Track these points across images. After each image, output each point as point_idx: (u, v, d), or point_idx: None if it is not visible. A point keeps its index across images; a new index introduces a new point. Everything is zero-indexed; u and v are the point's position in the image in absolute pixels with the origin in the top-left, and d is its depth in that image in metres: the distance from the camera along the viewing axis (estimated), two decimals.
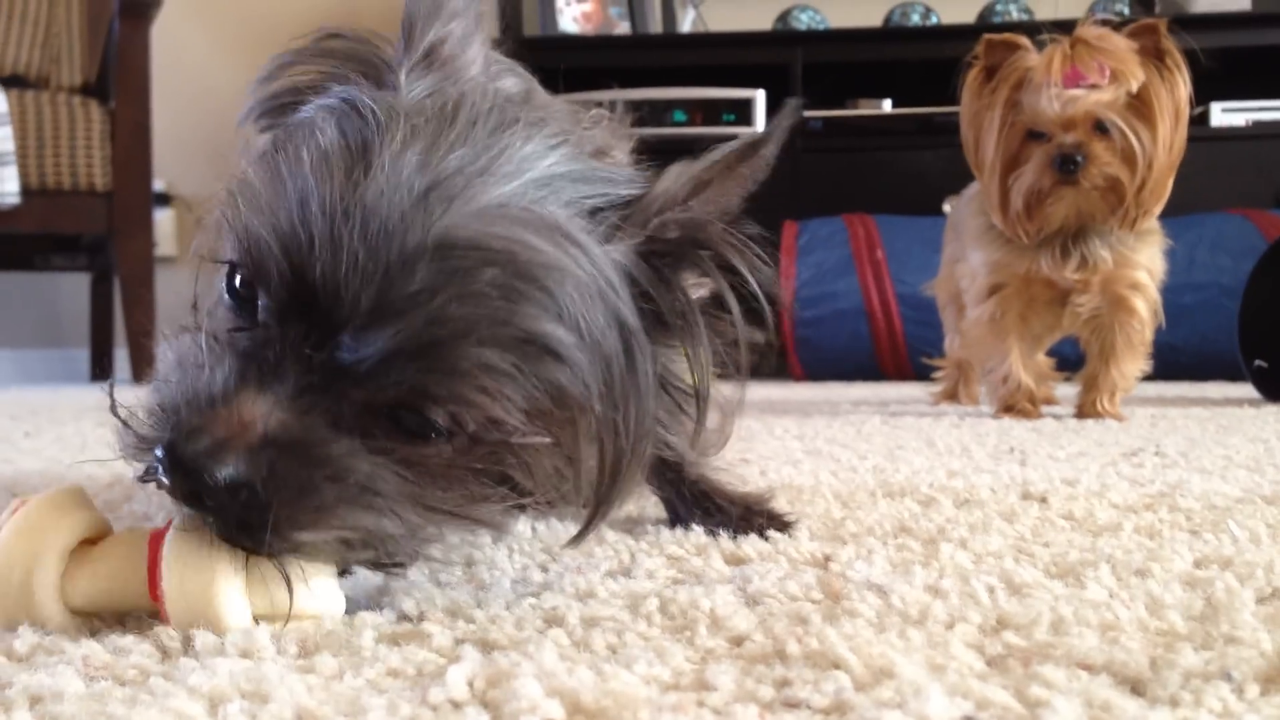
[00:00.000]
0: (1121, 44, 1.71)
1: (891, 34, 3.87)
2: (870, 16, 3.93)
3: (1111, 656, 0.46)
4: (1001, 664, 0.46)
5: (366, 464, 0.49)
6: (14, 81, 3.01)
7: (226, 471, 0.47)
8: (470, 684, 0.43)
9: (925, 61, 3.71)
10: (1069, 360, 2.02)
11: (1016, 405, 1.85)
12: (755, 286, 0.57)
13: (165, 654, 0.48)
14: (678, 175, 0.55)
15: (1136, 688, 0.43)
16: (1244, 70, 3.57)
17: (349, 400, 0.48)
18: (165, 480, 0.48)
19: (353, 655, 0.48)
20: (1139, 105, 1.72)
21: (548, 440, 0.52)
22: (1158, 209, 1.76)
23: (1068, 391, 2.03)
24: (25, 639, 0.50)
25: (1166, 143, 1.71)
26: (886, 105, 3.71)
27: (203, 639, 0.49)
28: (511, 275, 0.47)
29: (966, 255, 1.95)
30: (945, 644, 0.48)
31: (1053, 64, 1.71)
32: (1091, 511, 0.85)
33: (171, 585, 0.50)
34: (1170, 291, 1.84)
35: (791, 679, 0.44)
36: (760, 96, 3.61)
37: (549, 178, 0.51)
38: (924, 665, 0.45)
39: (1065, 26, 1.77)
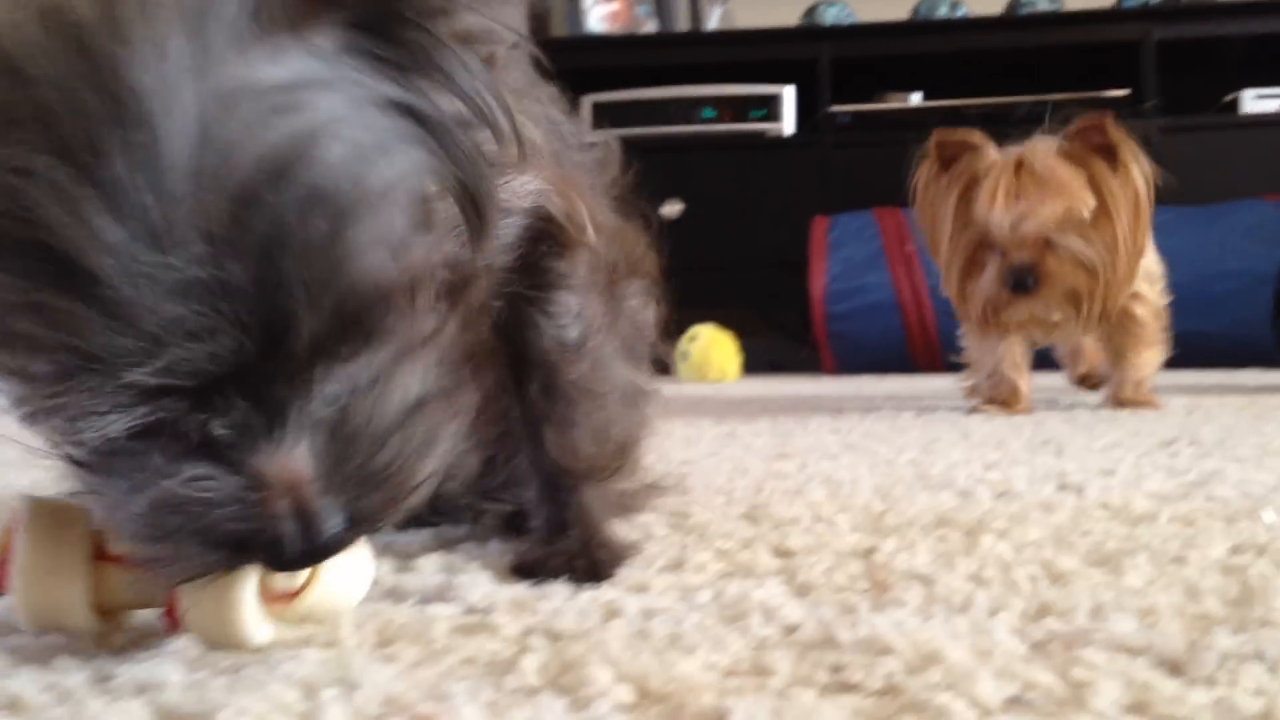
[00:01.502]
0: (1066, 176, 1.62)
1: (919, 26, 3.87)
2: (898, 9, 3.93)
3: (1150, 640, 0.48)
4: (1044, 648, 0.48)
5: (387, 402, 0.46)
6: None
7: (334, 526, 0.45)
8: (543, 670, 0.46)
9: (954, 53, 3.72)
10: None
11: (1001, 399, 1.82)
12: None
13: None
14: None
15: (1175, 669, 0.45)
16: (1275, 57, 3.56)
17: (320, 381, 0.44)
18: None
19: (428, 646, 0.51)
20: (1095, 209, 1.63)
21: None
22: (1123, 298, 1.71)
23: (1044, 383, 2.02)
24: (116, 636, 0.53)
25: (1126, 241, 1.65)
26: (916, 98, 3.71)
27: (288, 632, 0.52)
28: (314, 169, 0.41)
29: None
30: (989, 630, 0.51)
31: (998, 195, 1.63)
32: (1128, 501, 0.86)
33: (193, 611, 0.50)
34: (1203, 280, 1.84)
35: (845, 664, 0.46)
36: (789, 92, 3.63)
37: (206, 43, 0.40)
38: (970, 650, 0.47)
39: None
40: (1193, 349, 2.91)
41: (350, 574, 0.53)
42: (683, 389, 2.66)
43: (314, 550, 0.45)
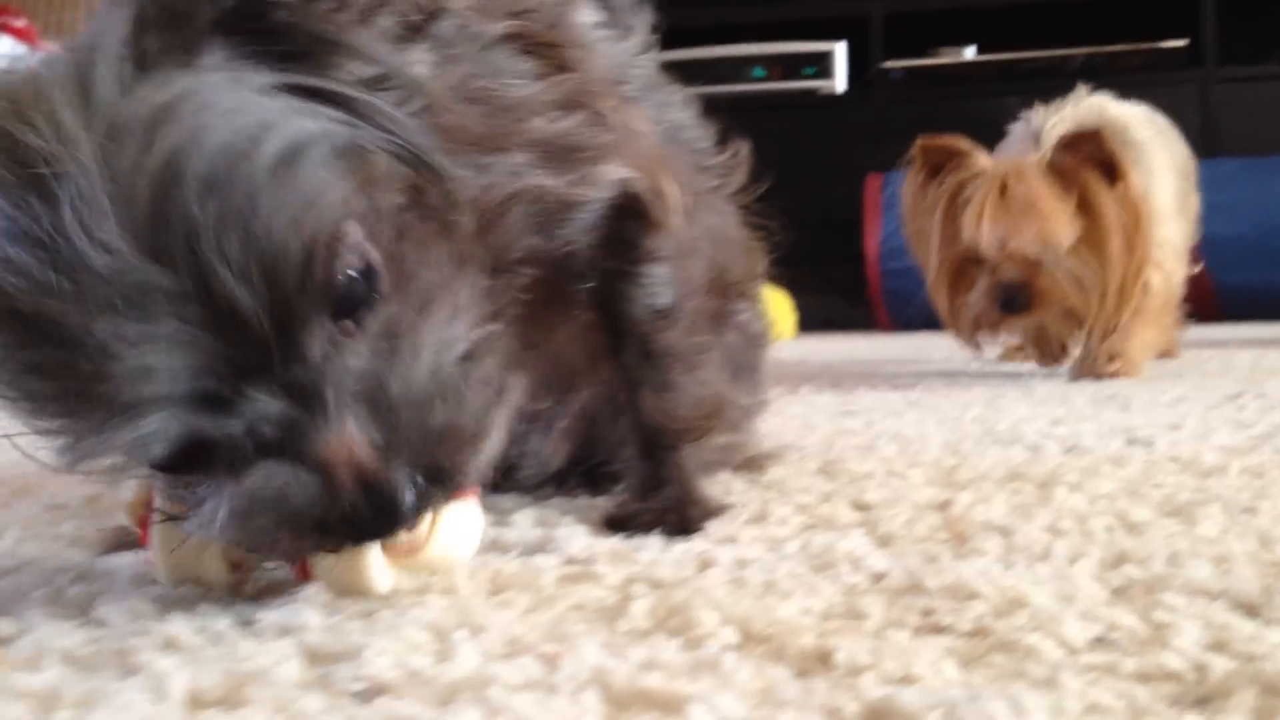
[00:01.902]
0: (1051, 207, 1.52)
1: None
2: None
3: (1227, 585, 0.50)
4: (1125, 593, 0.51)
5: (425, 367, 0.48)
6: None
7: (406, 489, 0.46)
8: (651, 615, 0.50)
9: (1008, 6, 3.67)
10: None
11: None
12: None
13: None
14: None
15: (1251, 611, 0.47)
16: None
17: (326, 357, 0.46)
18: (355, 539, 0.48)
19: (538, 593, 0.54)
20: (1087, 223, 1.55)
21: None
22: (1127, 315, 1.59)
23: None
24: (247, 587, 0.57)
25: (1121, 258, 1.54)
26: (969, 53, 3.68)
27: (404, 580, 0.56)
28: (211, 159, 0.43)
29: None
30: (1070, 577, 0.53)
31: (982, 220, 1.54)
32: (1198, 454, 0.88)
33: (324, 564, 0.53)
34: (1266, 232, 1.79)
35: (934, 608, 0.49)
36: (841, 48, 3.61)
37: (89, 96, 0.44)
38: (1054, 595, 0.50)
39: None
40: (1257, 301, 2.90)
41: (465, 527, 0.56)
42: None
43: (392, 517, 0.46)
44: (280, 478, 0.45)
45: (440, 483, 0.48)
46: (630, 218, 0.68)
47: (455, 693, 0.40)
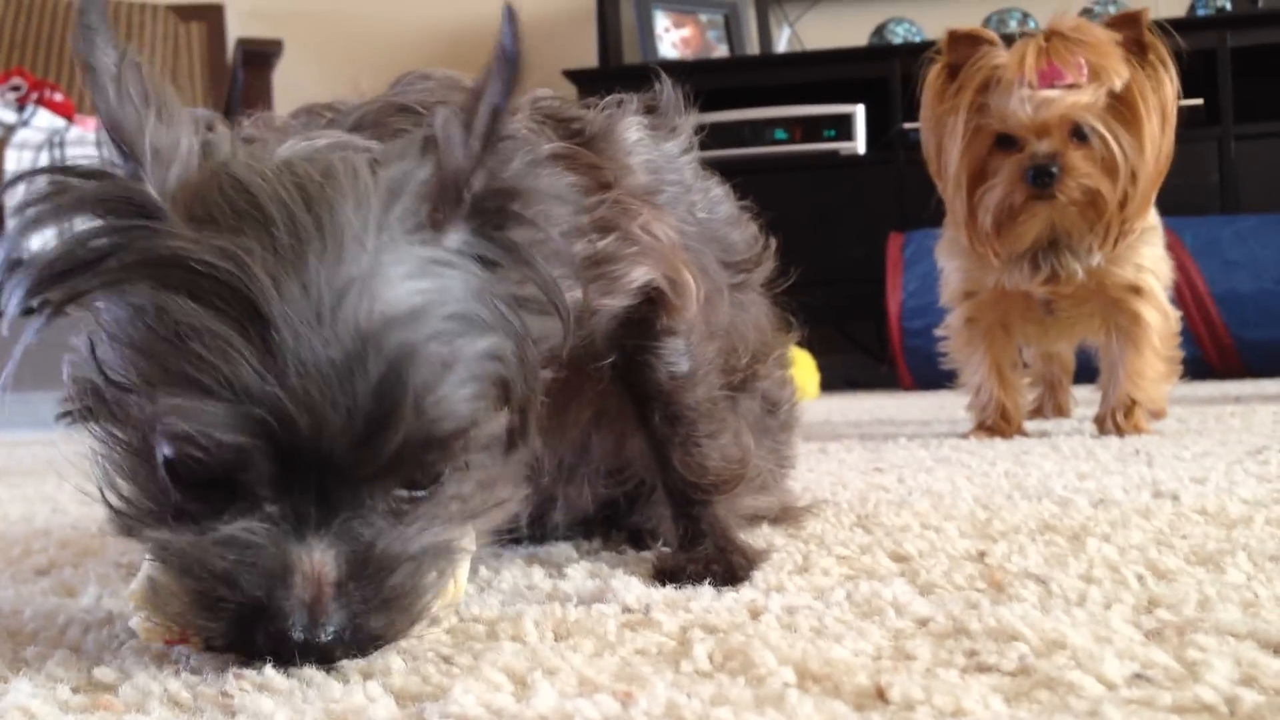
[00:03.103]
0: (1102, 36, 1.54)
1: None
2: (967, 25, 3.96)
3: (1255, 626, 0.53)
4: (1159, 635, 0.54)
5: (413, 543, 0.54)
6: None
7: (330, 634, 0.51)
8: (711, 657, 0.53)
9: None
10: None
11: (990, 423, 1.71)
12: (554, 227, 0.60)
13: (455, 636, 0.59)
14: (457, 138, 0.56)
15: (1279, 650, 0.50)
16: None
17: (370, 499, 0.53)
18: (257, 655, 0.53)
19: (601, 639, 0.58)
20: (1120, 108, 1.55)
21: (503, 424, 0.57)
22: (1141, 224, 1.60)
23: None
24: None
25: (1154, 148, 1.54)
26: None
27: (474, 628, 0.59)
28: (431, 324, 0.52)
29: (940, 265, 1.81)
30: (1106, 621, 0.56)
31: (1025, 60, 1.53)
32: (1223, 506, 0.91)
33: None
34: None
35: (978, 650, 0.52)
36: (860, 111, 3.68)
37: (384, 221, 0.53)
38: (1091, 637, 0.53)
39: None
40: (1276, 358, 2.91)
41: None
42: None
43: (314, 647, 0.51)
44: (250, 544, 0.51)
45: (361, 642, 0.53)
46: (650, 302, 0.73)
47: None
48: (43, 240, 0.55)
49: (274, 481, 0.51)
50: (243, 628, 0.52)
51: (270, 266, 0.50)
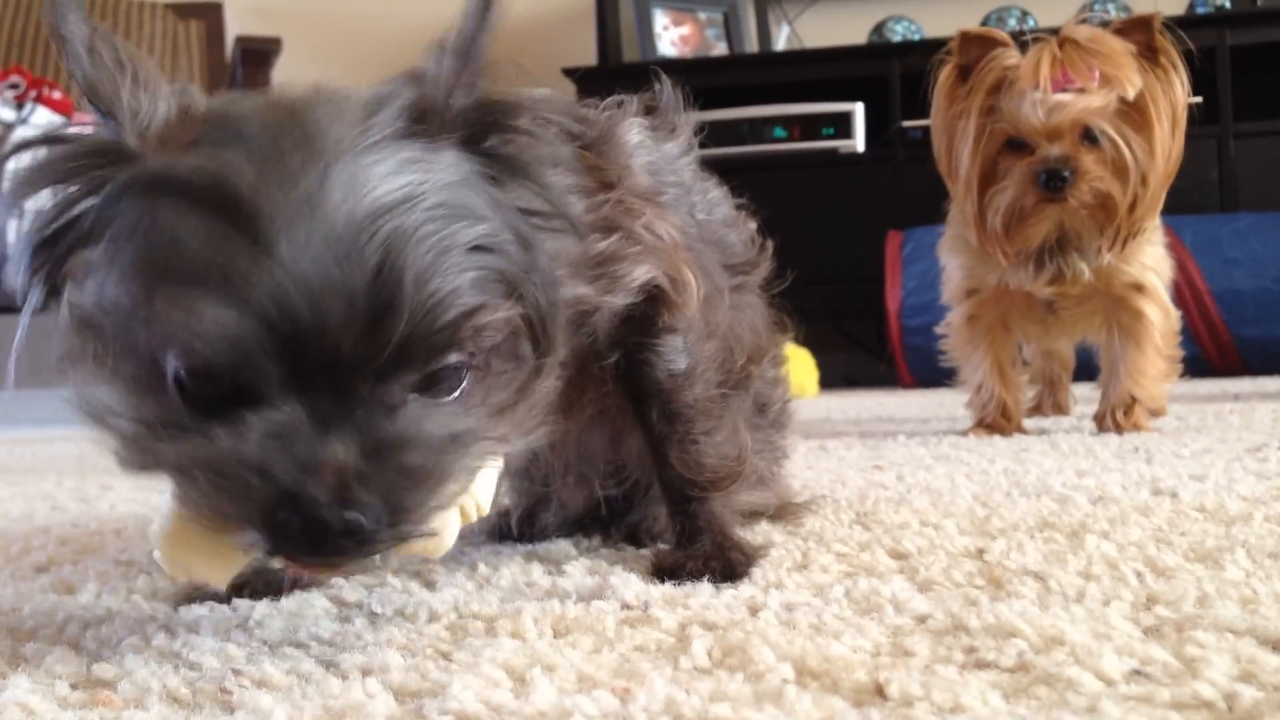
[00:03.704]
0: (1117, 46, 1.55)
1: None
2: (966, 23, 3.93)
3: (1254, 623, 0.53)
4: (1157, 631, 0.54)
5: (432, 428, 0.53)
6: None
7: (365, 515, 0.50)
8: (710, 654, 0.53)
9: None
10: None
11: (990, 420, 1.72)
12: (551, 131, 0.61)
13: (454, 632, 0.59)
14: (434, 61, 0.57)
15: (1277, 646, 0.50)
16: None
17: (387, 394, 0.52)
18: (306, 549, 0.51)
19: (600, 636, 0.58)
20: (1131, 111, 1.56)
21: (515, 323, 0.57)
22: (1150, 225, 1.62)
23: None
24: (324, 627, 0.61)
25: (1164, 151, 1.55)
26: None
27: (473, 625, 0.59)
28: (422, 212, 0.51)
29: (942, 263, 1.82)
30: (1105, 618, 0.56)
31: (1040, 67, 1.54)
32: (1222, 504, 0.91)
33: None
34: None
35: (977, 646, 0.52)
36: (859, 109, 3.67)
37: (367, 127, 0.53)
38: (1090, 633, 0.53)
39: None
40: (1275, 355, 2.92)
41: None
42: None
43: (351, 528, 0.50)
44: (275, 447, 0.50)
45: (396, 525, 0.52)
46: (651, 300, 0.73)
47: None
48: (37, 204, 0.55)
49: (284, 381, 0.50)
50: (277, 517, 0.50)
51: (253, 172, 0.50)
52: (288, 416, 0.50)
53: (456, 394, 0.54)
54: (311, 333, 0.49)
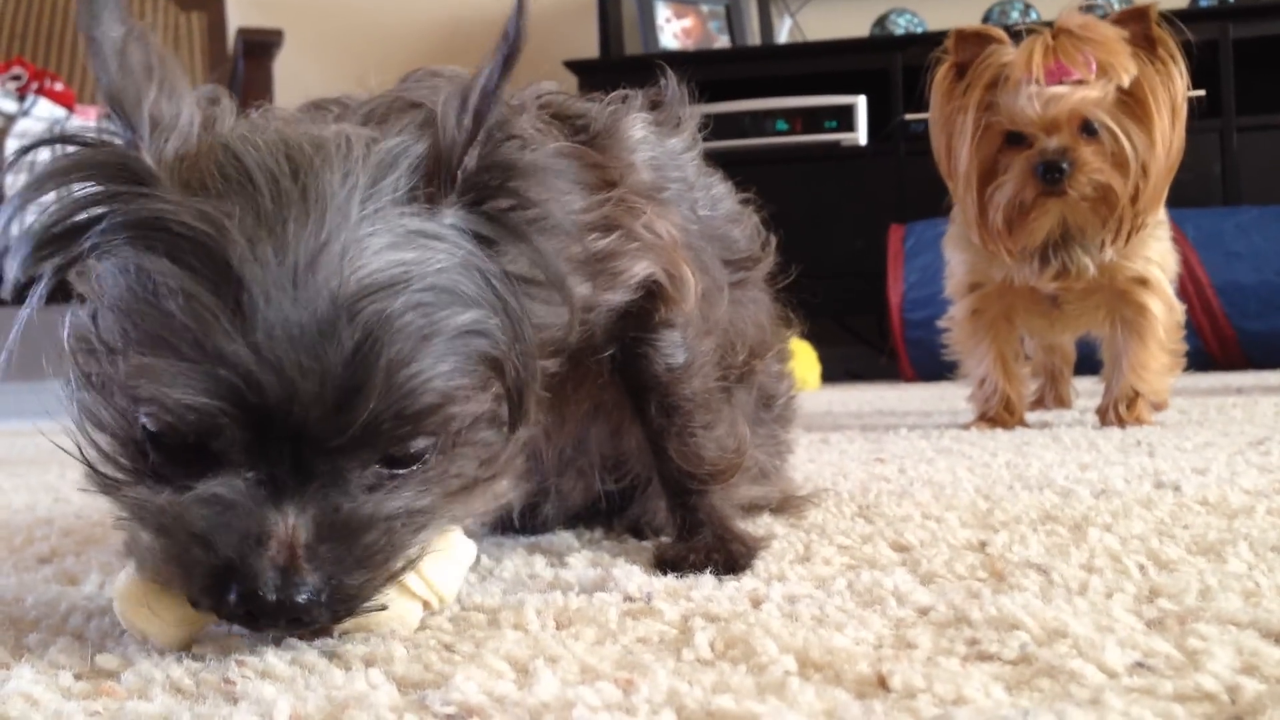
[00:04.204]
0: (1110, 33, 1.54)
1: None
2: (969, 16, 3.94)
3: (1256, 616, 0.53)
4: (1160, 624, 0.54)
5: (388, 506, 0.54)
6: None
7: (304, 594, 0.51)
8: (712, 646, 0.53)
9: None
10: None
11: (992, 413, 1.71)
12: (557, 204, 0.61)
13: (457, 624, 0.59)
14: (453, 116, 0.56)
15: None
16: None
17: (348, 470, 0.53)
18: (242, 619, 0.53)
19: (603, 627, 0.58)
20: (1130, 103, 1.56)
21: (491, 403, 0.57)
22: (1153, 218, 1.61)
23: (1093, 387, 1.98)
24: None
25: (1165, 143, 1.54)
26: None
27: (476, 616, 0.59)
28: (410, 295, 0.52)
29: (946, 257, 1.82)
30: (1107, 610, 0.56)
31: (1033, 58, 1.54)
32: (1225, 497, 0.91)
33: None
34: None
35: (979, 638, 0.52)
36: (861, 102, 3.66)
37: (371, 193, 0.53)
38: (1092, 626, 0.53)
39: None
40: (1277, 349, 2.91)
41: (450, 562, 0.60)
42: None
43: (288, 607, 0.51)
44: (225, 507, 0.51)
45: (336, 604, 0.53)
46: (649, 296, 0.73)
47: (541, 714, 0.44)
48: (43, 207, 0.56)
49: (248, 448, 0.51)
50: (217, 588, 0.51)
51: (248, 230, 0.50)
52: (241, 485, 0.51)
53: (419, 468, 0.55)
54: (278, 407, 0.50)
